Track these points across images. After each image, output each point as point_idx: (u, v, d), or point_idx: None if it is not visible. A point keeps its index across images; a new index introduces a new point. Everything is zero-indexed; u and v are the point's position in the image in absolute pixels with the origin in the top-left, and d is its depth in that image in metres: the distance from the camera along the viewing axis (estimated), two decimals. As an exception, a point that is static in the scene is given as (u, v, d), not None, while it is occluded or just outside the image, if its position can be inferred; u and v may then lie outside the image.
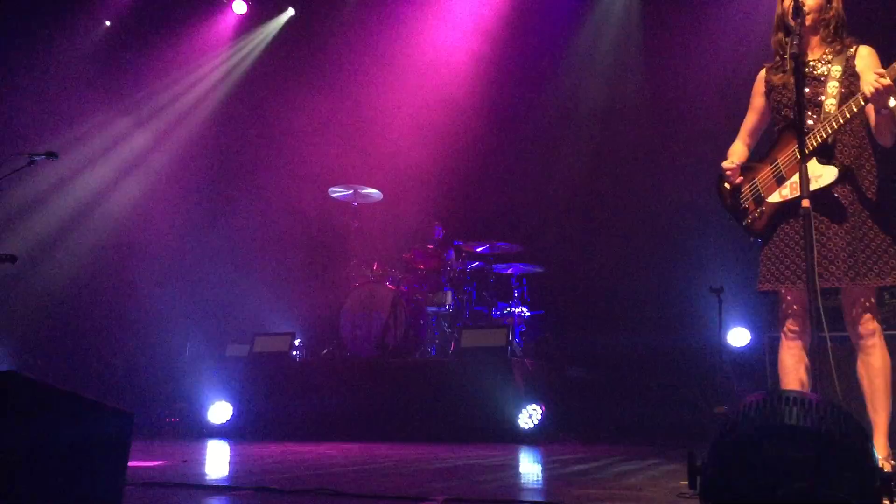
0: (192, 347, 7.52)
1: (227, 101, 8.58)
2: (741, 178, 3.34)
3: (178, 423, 6.94)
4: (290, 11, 8.74)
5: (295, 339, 7.02)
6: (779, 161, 3.22)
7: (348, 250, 7.39)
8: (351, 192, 7.36)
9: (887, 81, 2.86)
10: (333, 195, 7.50)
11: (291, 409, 6.34)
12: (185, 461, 4.18)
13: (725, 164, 3.37)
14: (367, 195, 7.43)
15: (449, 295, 6.96)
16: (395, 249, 7.45)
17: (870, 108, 3.06)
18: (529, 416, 5.67)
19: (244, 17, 8.69)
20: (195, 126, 8.48)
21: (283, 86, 8.41)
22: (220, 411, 6.56)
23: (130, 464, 2.18)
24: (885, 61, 3.04)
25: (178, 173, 8.39)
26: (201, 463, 4.24)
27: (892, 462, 3.04)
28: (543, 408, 6.05)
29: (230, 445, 5.50)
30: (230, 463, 4.26)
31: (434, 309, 6.91)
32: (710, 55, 6.59)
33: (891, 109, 2.97)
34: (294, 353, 7.00)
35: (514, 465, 4.10)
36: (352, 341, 6.82)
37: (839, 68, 3.18)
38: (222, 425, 6.47)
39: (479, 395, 5.90)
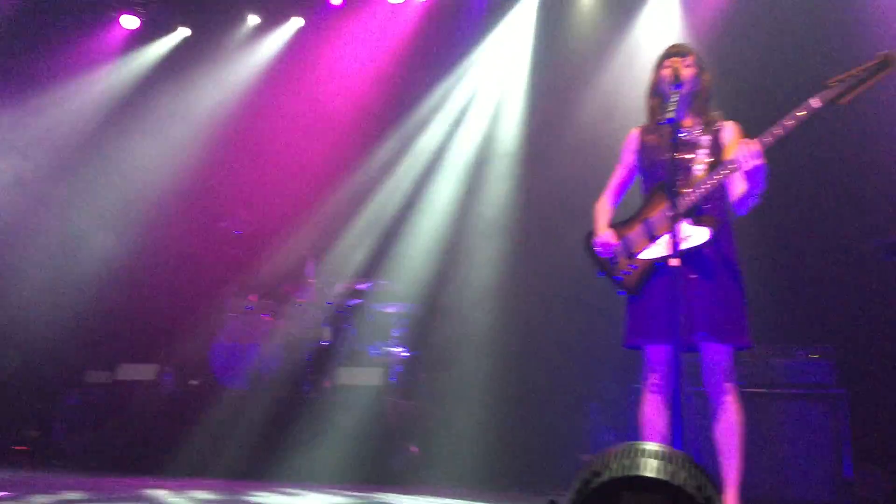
0: (48, 371, 7.08)
1: (110, 119, 8.23)
2: (616, 241, 3.48)
3: (27, 452, 6.49)
4: (186, 31, 8.51)
5: (163, 367, 6.74)
6: (651, 219, 3.38)
7: (225, 280, 7.19)
8: (231, 220, 7.21)
9: (756, 147, 3.06)
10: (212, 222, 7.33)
11: (155, 441, 6.06)
12: (33, 494, 3.92)
13: (602, 236, 3.51)
14: (248, 224, 7.29)
15: (327, 331, 6.86)
16: (275, 282, 7.29)
17: (732, 179, 3.27)
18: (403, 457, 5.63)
19: (135, 34, 8.40)
20: (73, 143, 8.08)
21: (170, 109, 8.15)
22: (75, 440, 6.19)
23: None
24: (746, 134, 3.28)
25: (53, 189, 7.97)
26: (48, 496, 3.97)
27: (741, 515, 3.18)
28: (417, 449, 6.03)
29: (84, 478, 5.20)
30: (82, 496, 4.01)
31: (311, 344, 6.79)
32: (612, 95, 6.78)
33: (759, 196, 3.19)
34: (161, 382, 6.70)
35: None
36: (223, 373, 6.61)
37: (708, 138, 3.40)
38: (77, 455, 6.11)
39: (353, 434, 5.82)
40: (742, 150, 3.10)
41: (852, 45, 5.83)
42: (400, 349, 6.82)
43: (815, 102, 3.03)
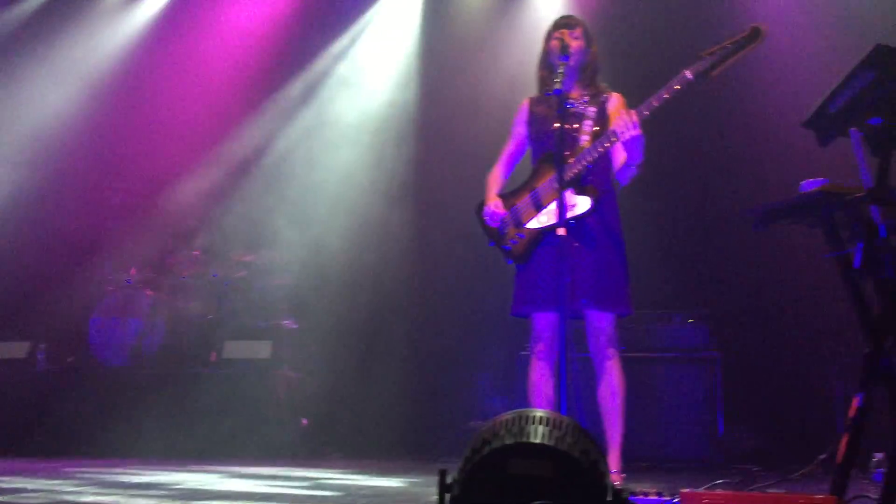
0: None
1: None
2: (504, 210, 3.52)
3: None
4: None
5: (36, 344, 6.41)
6: (538, 189, 3.43)
7: (103, 252, 6.88)
8: (109, 189, 6.90)
9: (634, 117, 3.15)
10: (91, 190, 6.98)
11: (28, 422, 5.78)
12: None
13: (490, 206, 3.54)
14: (129, 193, 6.98)
15: (214, 304, 6.69)
16: (157, 254, 7.02)
17: (616, 150, 3.36)
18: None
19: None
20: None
21: (40, 71, 7.63)
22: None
23: None
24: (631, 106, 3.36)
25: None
26: None
27: (623, 476, 3.31)
28: (306, 421, 5.98)
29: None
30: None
31: (197, 317, 6.60)
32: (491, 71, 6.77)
33: (639, 166, 3.28)
34: (34, 360, 6.38)
35: (269, 481, 3.99)
36: (102, 349, 6.35)
37: (594, 109, 3.47)
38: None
39: (240, 408, 5.73)
40: (620, 120, 3.18)
41: (731, 16, 6.09)
42: (289, 321, 6.73)
43: (688, 74, 3.13)
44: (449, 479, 1.93)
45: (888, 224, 2.43)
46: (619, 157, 3.40)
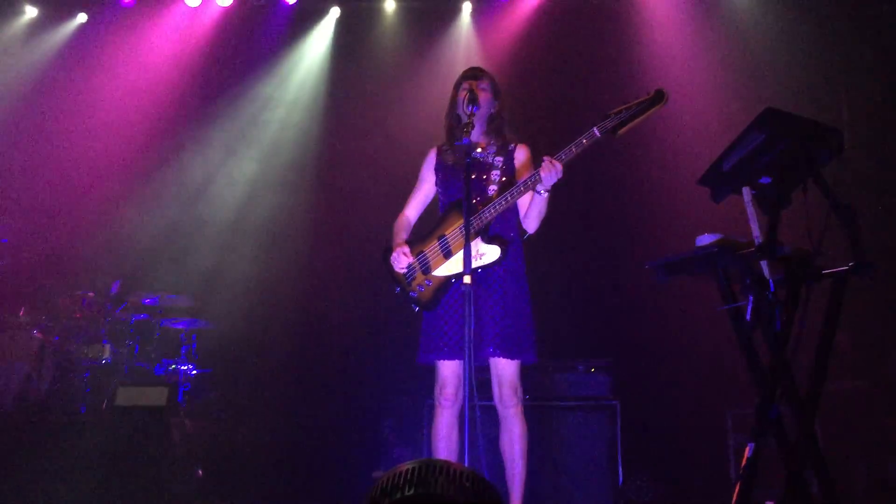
0: None
1: None
2: (411, 257, 3.51)
3: None
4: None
5: None
6: (447, 236, 3.45)
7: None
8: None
9: (559, 165, 3.20)
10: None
11: None
12: None
13: (398, 251, 3.52)
14: (17, 231, 6.69)
15: (107, 348, 6.41)
16: (49, 294, 6.71)
17: (522, 200, 3.42)
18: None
19: None
20: None
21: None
22: None
23: None
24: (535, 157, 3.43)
25: None
26: None
27: (523, 525, 3.30)
28: (200, 472, 5.76)
29: None
30: None
31: (89, 362, 6.31)
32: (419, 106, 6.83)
33: (549, 192, 3.34)
34: None
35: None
36: (-19, 395, 6.00)
37: (501, 159, 3.53)
38: None
39: (132, 458, 5.47)
40: (546, 167, 3.22)
41: (634, 76, 6.35)
42: (188, 367, 6.51)
43: (596, 131, 3.23)
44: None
45: (776, 279, 2.54)
46: (526, 206, 3.46)
